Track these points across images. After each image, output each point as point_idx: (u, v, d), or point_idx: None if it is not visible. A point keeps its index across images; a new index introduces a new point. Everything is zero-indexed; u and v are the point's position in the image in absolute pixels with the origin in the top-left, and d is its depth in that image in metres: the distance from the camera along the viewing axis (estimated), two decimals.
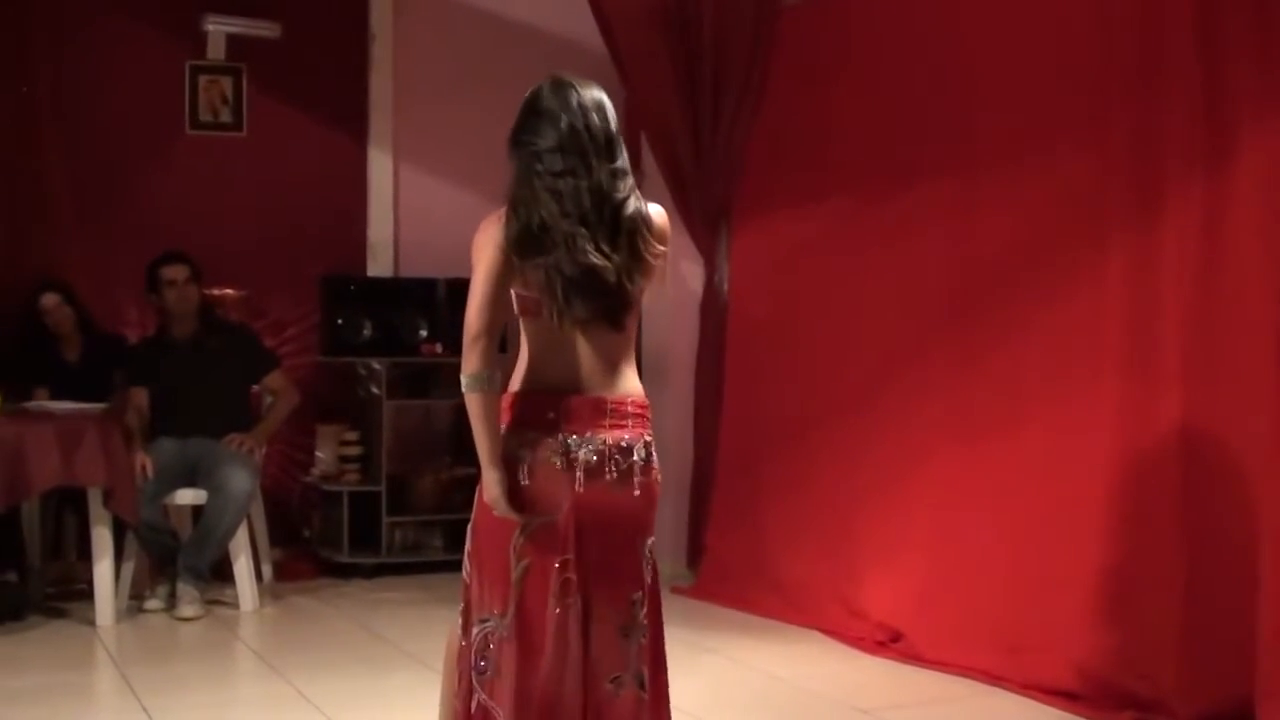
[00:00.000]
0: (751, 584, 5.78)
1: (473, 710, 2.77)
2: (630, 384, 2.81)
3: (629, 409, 2.79)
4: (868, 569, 5.29)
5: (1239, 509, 3.99)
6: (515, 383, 2.78)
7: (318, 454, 6.74)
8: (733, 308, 6.25)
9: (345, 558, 6.50)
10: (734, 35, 6.05)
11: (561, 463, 2.70)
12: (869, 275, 5.46)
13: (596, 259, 2.67)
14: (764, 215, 6.06)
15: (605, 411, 2.75)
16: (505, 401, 2.76)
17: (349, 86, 6.92)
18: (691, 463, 6.38)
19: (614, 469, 2.73)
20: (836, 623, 5.31)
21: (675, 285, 6.40)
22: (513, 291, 2.74)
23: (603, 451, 2.73)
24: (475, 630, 2.78)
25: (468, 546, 2.84)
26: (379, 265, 6.93)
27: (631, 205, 2.76)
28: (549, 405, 2.72)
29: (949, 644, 4.79)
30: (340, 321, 6.60)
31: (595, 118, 2.78)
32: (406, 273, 6.92)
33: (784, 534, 5.75)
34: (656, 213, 2.84)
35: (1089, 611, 4.36)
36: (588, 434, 2.72)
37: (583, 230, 2.67)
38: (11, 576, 5.60)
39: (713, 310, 6.29)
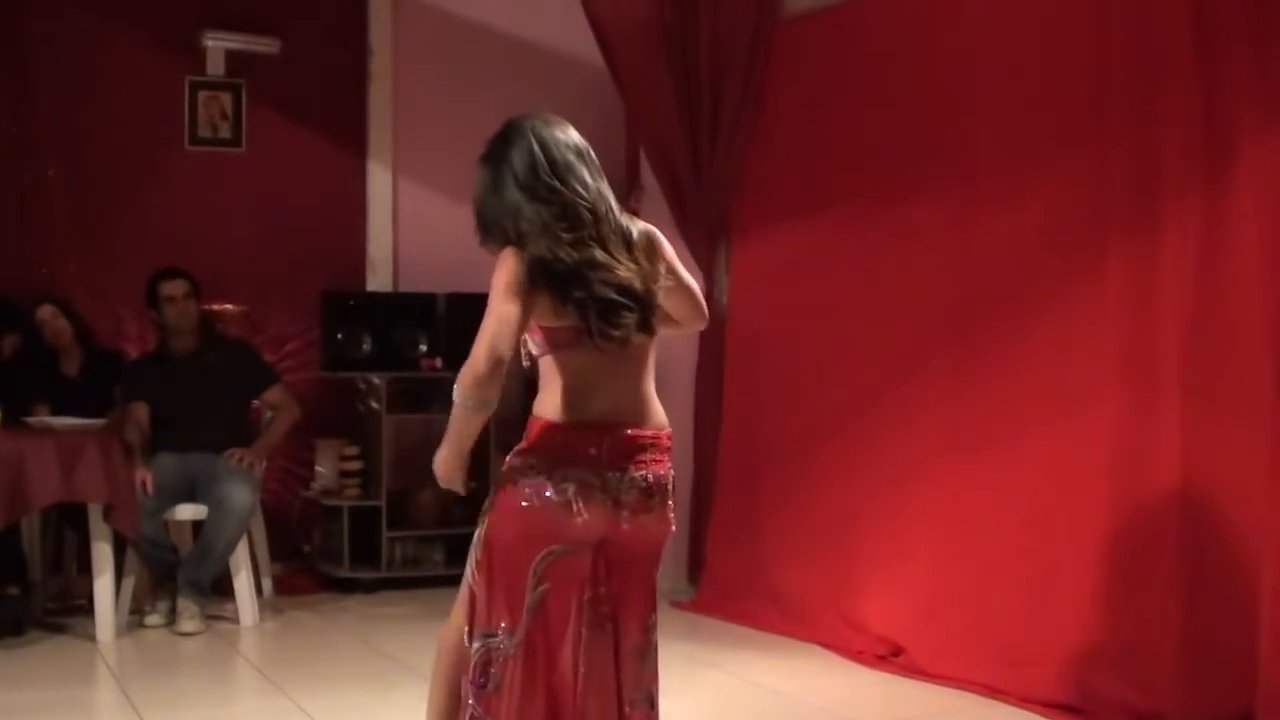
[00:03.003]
0: (751, 598, 5.77)
1: None
2: (661, 414, 2.82)
3: (664, 442, 2.81)
4: (868, 582, 5.29)
5: (1239, 520, 4.00)
6: (550, 412, 2.74)
7: (318, 469, 6.74)
8: (732, 321, 6.26)
9: (345, 573, 6.50)
10: (732, 49, 6.06)
11: (609, 500, 2.71)
12: (868, 288, 5.47)
13: (624, 273, 2.68)
14: (763, 228, 6.07)
15: (645, 446, 2.76)
16: (543, 430, 2.74)
17: (348, 102, 6.93)
18: (691, 476, 6.38)
19: (654, 504, 2.77)
20: (837, 636, 5.30)
21: None
22: (540, 325, 2.72)
23: (645, 488, 2.75)
24: (478, 644, 2.76)
25: (477, 556, 2.80)
26: (378, 280, 6.94)
27: (628, 221, 2.79)
28: (592, 440, 2.71)
29: (949, 657, 4.79)
30: (340, 336, 6.60)
31: (575, 141, 2.77)
32: (406, 287, 6.93)
33: (784, 547, 5.75)
34: (654, 230, 2.87)
35: (1089, 624, 4.36)
36: (631, 470, 2.73)
37: (598, 250, 2.68)
38: (12, 591, 5.59)
39: (711, 323, 6.28)
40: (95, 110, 6.50)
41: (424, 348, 6.69)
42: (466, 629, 2.81)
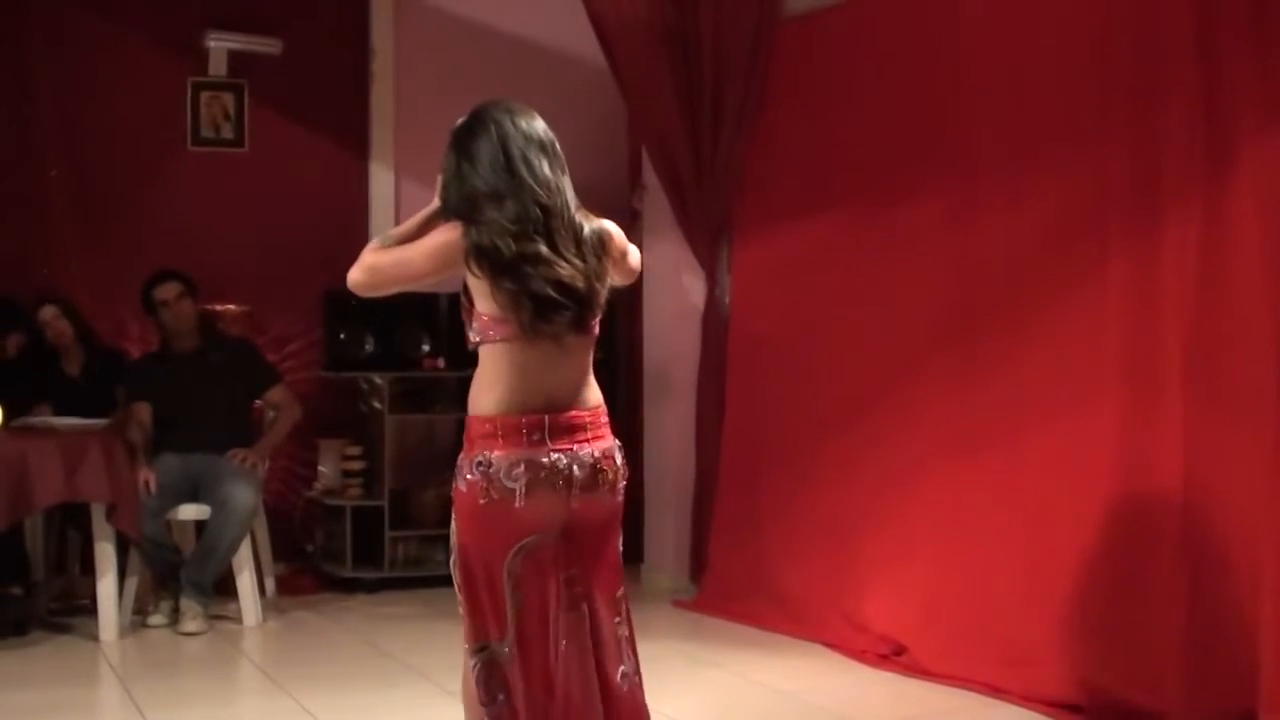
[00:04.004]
0: (754, 597, 5.77)
1: None
2: (597, 394, 2.86)
3: (601, 418, 2.84)
4: (870, 582, 5.29)
5: (1241, 521, 4.00)
6: (486, 405, 2.76)
7: (320, 469, 6.74)
8: (734, 321, 6.26)
9: (348, 572, 6.50)
10: (734, 49, 6.06)
11: (559, 481, 2.73)
12: (870, 288, 5.46)
13: (564, 270, 2.71)
14: (765, 228, 6.07)
15: (584, 425, 2.79)
16: (482, 426, 2.76)
17: (350, 102, 6.94)
18: (693, 475, 6.38)
19: (602, 479, 2.79)
20: (840, 636, 5.30)
21: (677, 298, 6.41)
22: (480, 312, 2.77)
23: (593, 464, 2.78)
24: (474, 660, 2.78)
25: (456, 579, 2.82)
26: None
27: (582, 218, 2.82)
28: (535, 427, 2.73)
29: (952, 657, 4.79)
30: (342, 336, 6.61)
31: (539, 133, 2.80)
32: (408, 288, 6.92)
33: (786, 547, 5.75)
34: (612, 225, 2.91)
35: (1091, 624, 4.36)
36: (574, 450, 2.76)
37: (543, 245, 2.70)
38: (15, 591, 5.60)
39: (714, 323, 6.29)
40: (97, 111, 6.51)
41: (426, 348, 6.70)
42: (466, 649, 2.83)
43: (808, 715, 4.47)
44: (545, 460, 2.72)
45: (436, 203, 2.87)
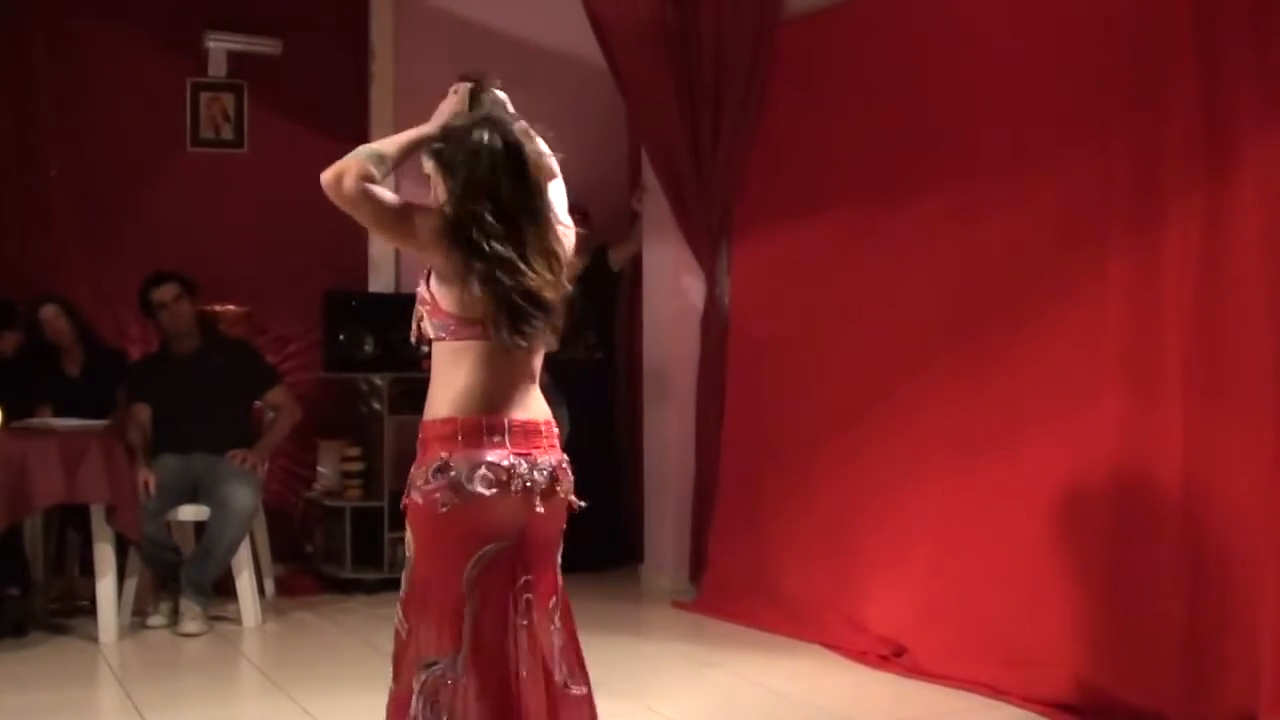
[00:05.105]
0: (754, 598, 5.77)
1: None
2: (544, 406, 2.82)
3: (553, 430, 2.81)
4: (870, 583, 5.29)
5: (1240, 522, 4.00)
6: (442, 407, 2.72)
7: (320, 469, 6.74)
8: (733, 322, 6.26)
9: (347, 573, 6.50)
10: (734, 49, 6.06)
11: (519, 487, 2.68)
12: (870, 289, 5.47)
13: (533, 281, 2.67)
14: (765, 229, 6.07)
15: (540, 433, 2.76)
16: (440, 428, 2.70)
17: (350, 102, 6.94)
18: (693, 477, 6.38)
19: (560, 488, 2.76)
20: (839, 637, 5.30)
21: (676, 299, 6.41)
22: (446, 311, 2.72)
23: (550, 472, 2.74)
24: (421, 676, 2.67)
25: (403, 594, 2.77)
26: (381, 281, 6.95)
27: (555, 236, 2.79)
28: (495, 429, 2.69)
29: (951, 658, 4.78)
30: (342, 337, 6.61)
31: (521, 147, 2.77)
32: (408, 288, 6.92)
33: (786, 548, 5.75)
34: (571, 236, 2.90)
35: (1091, 625, 4.36)
36: (534, 456, 2.71)
37: (514, 254, 2.66)
38: (14, 592, 5.59)
39: (713, 324, 6.29)
40: (97, 111, 6.51)
41: (426, 349, 6.68)
42: (392, 670, 2.76)
43: (807, 716, 4.47)
44: (506, 464, 2.67)
45: (429, 129, 2.83)
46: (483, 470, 2.65)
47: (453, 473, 2.65)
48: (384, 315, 6.70)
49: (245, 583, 5.74)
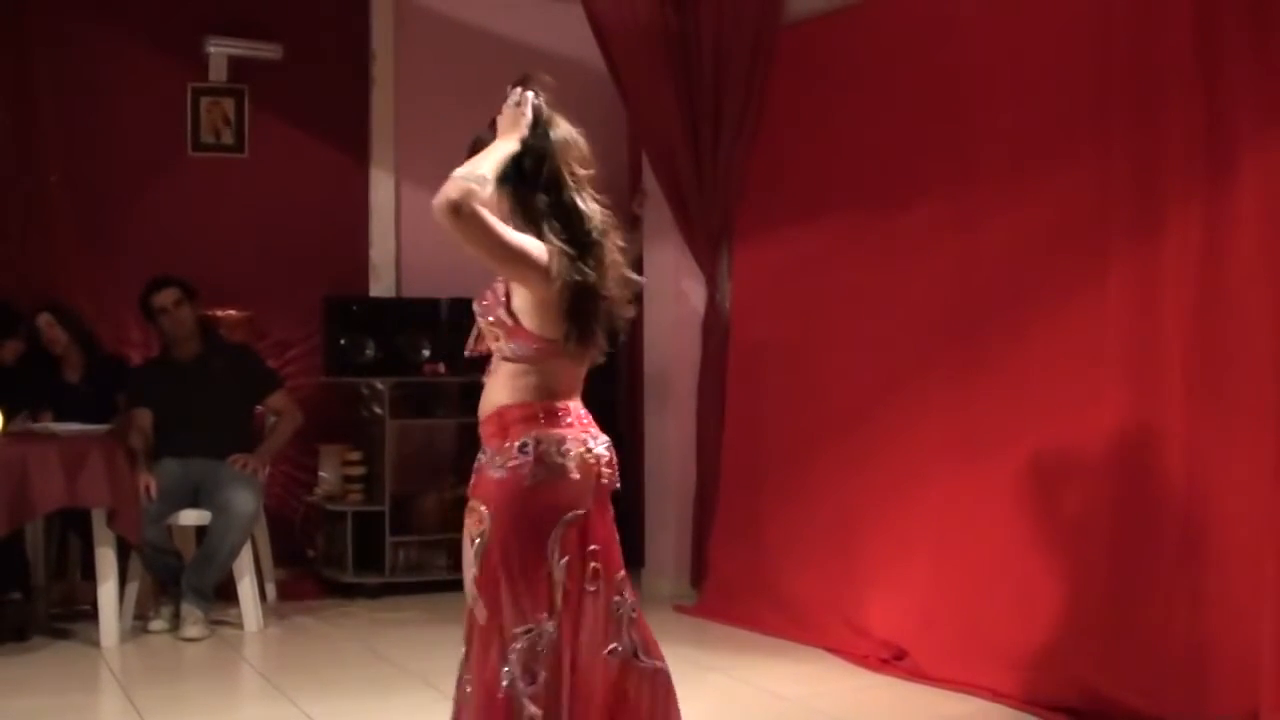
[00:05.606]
0: (755, 602, 5.77)
1: None
2: None
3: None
4: (871, 586, 5.29)
5: (1242, 524, 4.00)
6: (523, 394, 2.83)
7: (321, 474, 6.74)
8: (734, 325, 6.26)
9: (349, 578, 6.50)
10: (734, 53, 6.06)
11: (592, 460, 2.85)
12: (870, 293, 5.47)
13: (617, 302, 2.85)
14: (765, 233, 6.07)
15: (593, 418, 2.93)
16: (521, 411, 2.82)
17: (350, 107, 6.94)
18: (694, 480, 6.38)
19: (615, 465, 2.93)
20: (840, 640, 5.30)
21: (677, 303, 6.41)
22: (531, 332, 2.78)
23: (608, 448, 2.92)
24: (516, 645, 2.75)
25: (477, 575, 2.81)
26: (381, 285, 6.95)
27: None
28: (566, 412, 2.85)
29: (953, 661, 4.78)
30: (343, 342, 6.61)
31: (579, 147, 2.89)
32: (409, 293, 6.94)
33: (787, 552, 5.75)
34: None
35: (1091, 627, 4.36)
36: (595, 433, 2.89)
37: (600, 276, 2.79)
38: (16, 597, 5.59)
39: (714, 328, 6.30)
40: (98, 116, 6.51)
41: (427, 353, 6.69)
42: (471, 657, 2.82)
43: (809, 719, 4.48)
44: (583, 437, 2.85)
45: (513, 146, 2.80)
46: (566, 445, 2.80)
47: (540, 447, 2.78)
48: (385, 319, 6.71)
49: (247, 587, 5.74)
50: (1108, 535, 4.36)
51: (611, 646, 2.85)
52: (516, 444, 2.79)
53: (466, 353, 2.98)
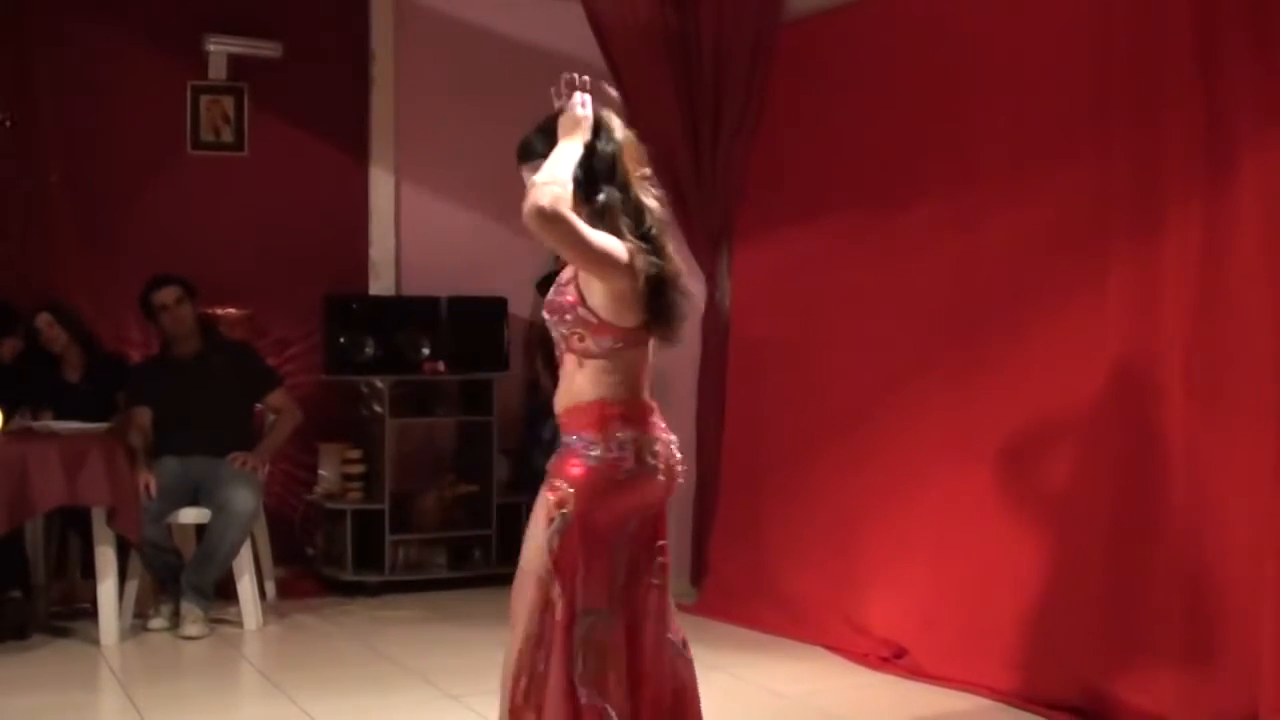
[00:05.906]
0: (755, 600, 5.78)
1: (582, 712, 2.85)
2: None
3: None
4: (871, 585, 5.29)
5: (1242, 525, 4.00)
6: (620, 394, 2.93)
7: (321, 472, 6.74)
8: (734, 325, 6.26)
9: (349, 576, 6.50)
10: (734, 52, 6.07)
11: (670, 459, 2.99)
12: (870, 292, 5.47)
13: (686, 291, 2.95)
14: (765, 232, 6.08)
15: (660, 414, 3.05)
16: (615, 409, 2.92)
17: (350, 105, 6.94)
18: (694, 480, 6.37)
19: (681, 461, 3.05)
20: (841, 639, 5.30)
21: None
22: (614, 326, 2.88)
23: (675, 447, 3.04)
24: (585, 622, 2.86)
25: (574, 539, 2.88)
26: (381, 284, 6.94)
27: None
28: (651, 410, 2.99)
29: (953, 660, 4.79)
30: (342, 340, 6.61)
31: (637, 147, 3.07)
32: (409, 291, 6.93)
33: (787, 550, 5.75)
34: None
35: (1091, 626, 4.36)
36: (667, 434, 3.01)
37: (669, 264, 2.91)
38: (16, 595, 5.59)
39: (714, 328, 6.30)
40: (98, 115, 6.50)
41: (427, 351, 6.69)
42: (531, 634, 2.88)
43: (809, 718, 4.48)
44: (667, 439, 3.00)
45: (579, 148, 2.92)
46: (656, 446, 2.96)
47: (637, 445, 2.92)
48: (384, 318, 6.70)
49: (246, 585, 5.74)
50: (1107, 534, 4.36)
51: (674, 637, 3.03)
52: (616, 438, 2.90)
53: (558, 353, 3.04)
